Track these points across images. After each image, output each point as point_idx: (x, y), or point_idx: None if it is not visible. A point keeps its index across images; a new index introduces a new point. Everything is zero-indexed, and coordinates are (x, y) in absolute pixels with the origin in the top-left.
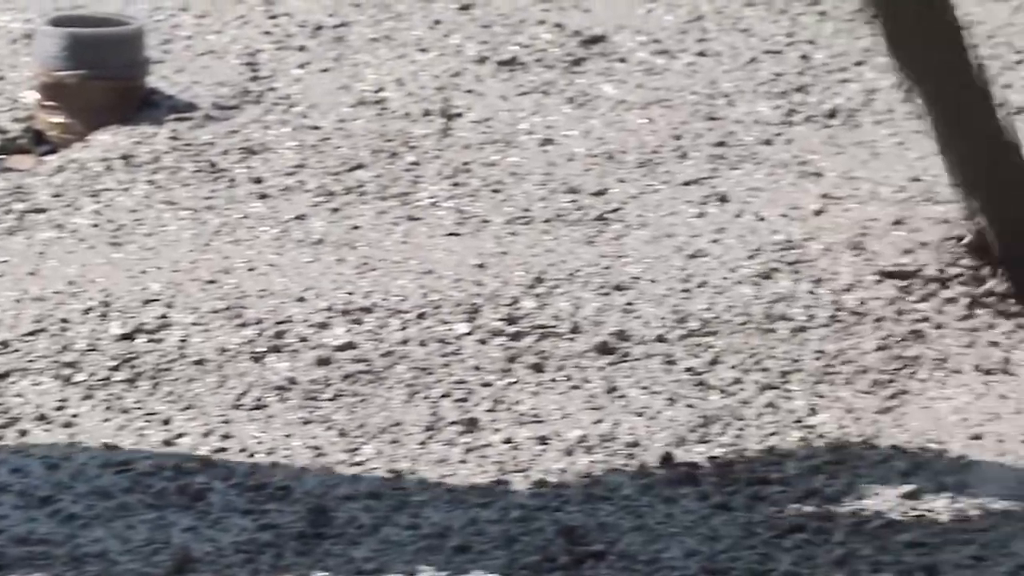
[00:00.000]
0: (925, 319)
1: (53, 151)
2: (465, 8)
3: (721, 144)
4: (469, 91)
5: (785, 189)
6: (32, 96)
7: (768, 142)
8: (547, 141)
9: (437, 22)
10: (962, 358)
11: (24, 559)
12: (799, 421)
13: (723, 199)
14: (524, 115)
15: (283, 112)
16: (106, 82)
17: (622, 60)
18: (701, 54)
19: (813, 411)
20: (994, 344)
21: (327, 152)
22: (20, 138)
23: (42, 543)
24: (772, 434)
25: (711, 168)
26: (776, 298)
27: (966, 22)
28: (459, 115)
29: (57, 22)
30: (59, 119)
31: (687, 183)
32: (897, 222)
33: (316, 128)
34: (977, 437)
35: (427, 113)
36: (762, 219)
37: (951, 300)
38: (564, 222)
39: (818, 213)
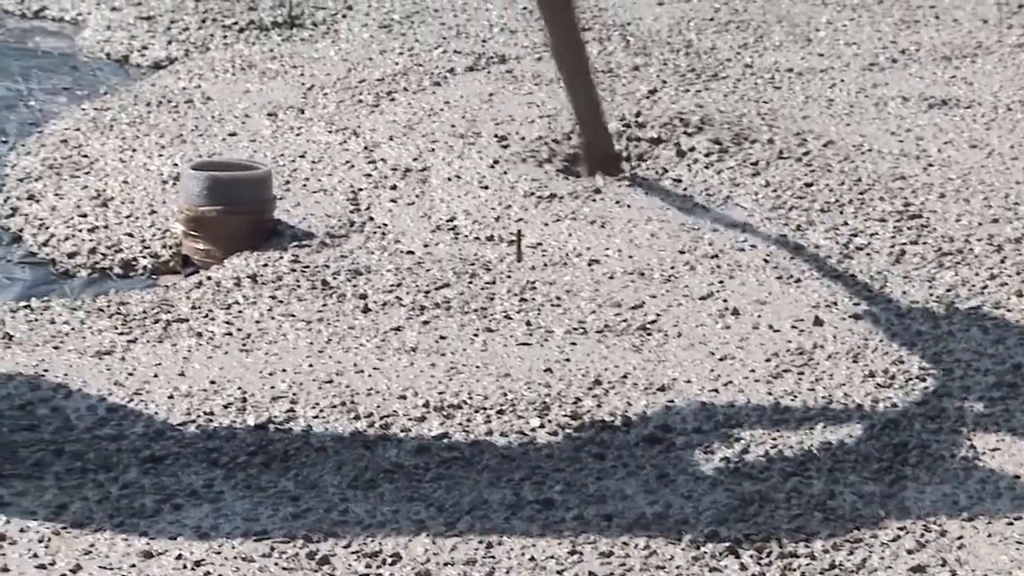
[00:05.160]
0: None
1: (196, 272)
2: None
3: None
4: (519, 219)
5: None
6: (179, 227)
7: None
8: (594, 261)
9: (495, 162)
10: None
11: None
12: (821, 503)
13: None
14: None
15: (380, 239)
16: (240, 216)
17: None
18: None
19: (831, 495)
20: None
21: (420, 274)
22: (170, 261)
23: None
24: (798, 515)
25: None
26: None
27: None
28: (522, 237)
29: (199, 167)
30: (201, 246)
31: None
32: None
33: (410, 252)
34: None
35: (491, 237)
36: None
37: None
38: (613, 332)
39: None
